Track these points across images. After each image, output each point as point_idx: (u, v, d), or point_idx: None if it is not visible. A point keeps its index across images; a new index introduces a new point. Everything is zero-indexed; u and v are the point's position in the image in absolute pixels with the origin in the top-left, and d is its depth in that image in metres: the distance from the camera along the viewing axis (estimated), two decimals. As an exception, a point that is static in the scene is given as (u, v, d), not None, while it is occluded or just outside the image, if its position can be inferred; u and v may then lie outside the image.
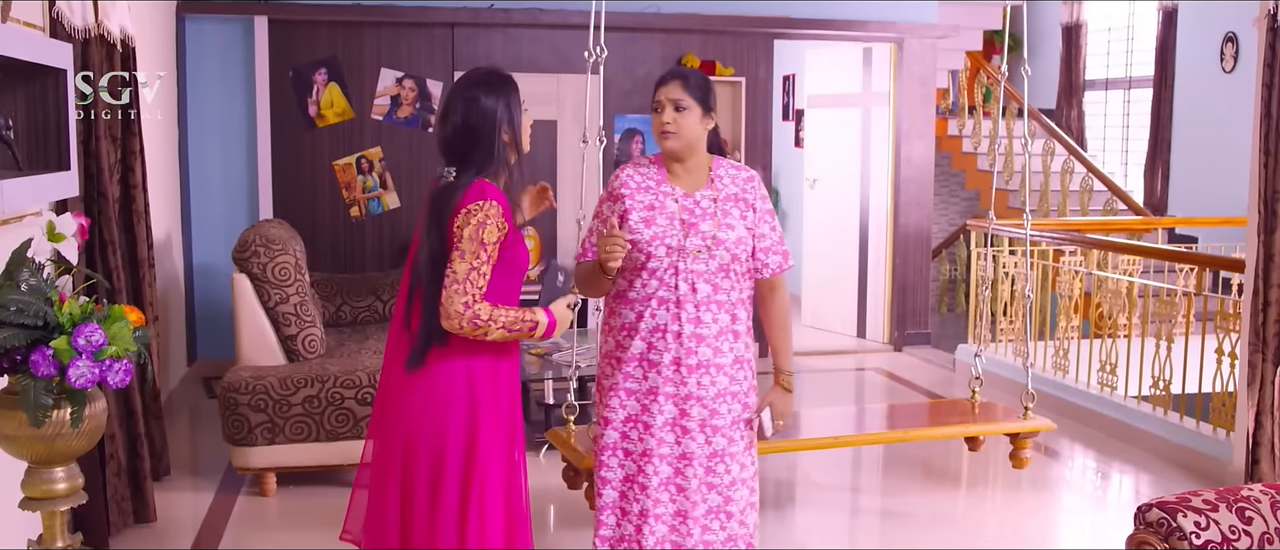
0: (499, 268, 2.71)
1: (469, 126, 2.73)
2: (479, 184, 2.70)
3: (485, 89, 2.76)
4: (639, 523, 2.99)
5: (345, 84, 6.93)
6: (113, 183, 4.46)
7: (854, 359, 7.87)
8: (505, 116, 2.75)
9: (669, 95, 2.96)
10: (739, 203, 3.03)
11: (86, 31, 3.94)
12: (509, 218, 2.72)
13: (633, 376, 3.00)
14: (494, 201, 2.67)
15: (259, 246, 4.80)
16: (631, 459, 3.01)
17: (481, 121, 2.73)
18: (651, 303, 2.96)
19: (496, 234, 2.66)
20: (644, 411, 2.99)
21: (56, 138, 3.50)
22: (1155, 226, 8.26)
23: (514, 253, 2.74)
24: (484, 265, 2.64)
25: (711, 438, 2.99)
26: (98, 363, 2.64)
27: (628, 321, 3.00)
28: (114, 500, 4.09)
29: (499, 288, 2.73)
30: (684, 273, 2.95)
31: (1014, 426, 4.57)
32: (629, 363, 2.99)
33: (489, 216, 2.65)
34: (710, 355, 2.98)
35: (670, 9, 7.36)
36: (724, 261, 2.97)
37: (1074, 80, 10.98)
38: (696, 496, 2.99)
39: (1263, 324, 4.58)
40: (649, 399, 2.98)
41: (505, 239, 2.70)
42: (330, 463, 4.70)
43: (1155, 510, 2.60)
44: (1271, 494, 2.67)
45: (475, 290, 2.64)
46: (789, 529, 4.64)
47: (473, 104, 2.74)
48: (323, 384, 4.60)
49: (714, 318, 2.98)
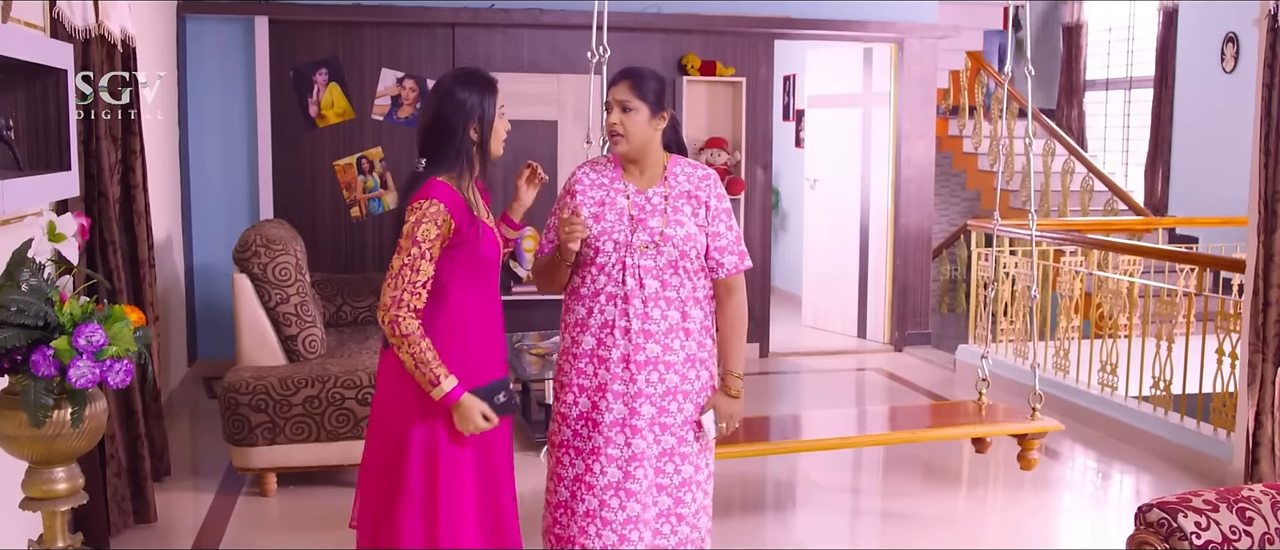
0: (462, 261, 2.77)
1: (438, 120, 2.80)
2: (430, 182, 2.76)
3: (460, 85, 2.82)
4: (583, 524, 2.94)
5: (346, 84, 6.93)
6: (113, 183, 4.46)
7: (854, 359, 7.87)
8: (475, 114, 2.79)
9: (616, 97, 2.96)
10: (691, 200, 3.01)
11: (87, 32, 3.94)
12: (461, 215, 2.75)
13: (584, 373, 2.99)
14: (435, 201, 2.72)
15: (260, 247, 4.80)
16: (582, 457, 2.98)
17: (450, 116, 2.79)
18: (600, 298, 2.96)
19: (436, 232, 2.71)
20: (593, 408, 2.97)
21: (57, 138, 3.50)
22: (1155, 226, 8.26)
23: (475, 247, 2.78)
24: (418, 262, 2.69)
25: (660, 436, 2.97)
26: (98, 363, 2.63)
27: (579, 317, 3.01)
28: (114, 500, 4.09)
29: (467, 279, 2.79)
30: (631, 268, 2.94)
31: (1022, 427, 4.57)
32: (581, 359, 2.99)
33: (426, 215, 2.70)
34: (659, 352, 2.95)
35: (671, 9, 7.36)
36: (672, 258, 2.96)
37: (1074, 80, 10.99)
38: (646, 498, 2.95)
39: (1263, 324, 4.58)
40: (598, 396, 2.96)
41: (461, 234, 2.75)
42: (331, 463, 4.70)
43: (1156, 510, 2.60)
44: (1272, 494, 2.67)
45: (406, 285, 2.69)
46: (789, 530, 4.64)
47: (444, 98, 2.80)
48: (323, 384, 4.60)
49: (663, 314, 2.96)
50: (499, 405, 2.83)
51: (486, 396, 2.81)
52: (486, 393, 2.81)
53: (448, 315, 2.79)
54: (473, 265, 2.80)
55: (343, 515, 4.50)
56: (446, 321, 2.79)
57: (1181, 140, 9.69)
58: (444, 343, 2.77)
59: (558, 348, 5.65)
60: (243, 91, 6.91)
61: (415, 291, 2.71)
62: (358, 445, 4.65)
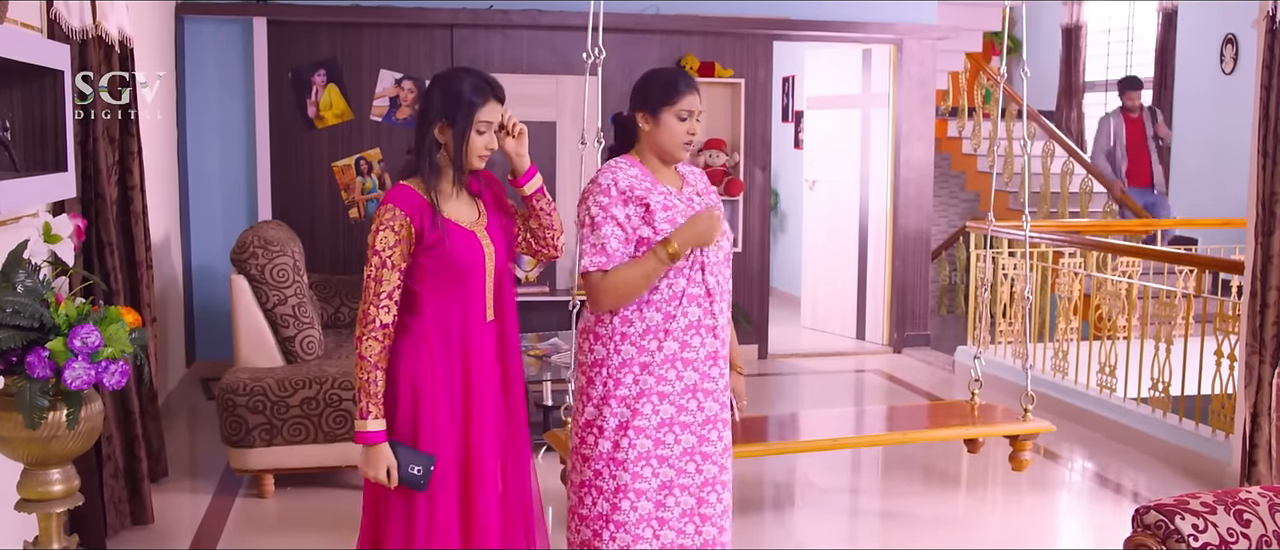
0: (431, 270, 2.72)
1: (418, 116, 2.80)
2: (395, 187, 2.75)
3: (439, 83, 2.77)
4: (680, 526, 2.98)
5: (344, 85, 6.93)
6: (111, 184, 4.46)
7: (853, 360, 7.86)
8: (441, 115, 2.73)
9: (694, 106, 2.99)
10: (711, 196, 3.13)
11: (84, 32, 3.94)
12: (421, 217, 2.71)
13: (666, 380, 2.94)
14: (391, 206, 2.70)
15: (257, 248, 4.80)
16: (667, 465, 2.95)
17: (424, 112, 2.76)
18: (683, 301, 2.94)
19: (394, 238, 2.67)
20: (680, 412, 2.96)
21: (53, 139, 3.50)
22: (1154, 228, 8.25)
23: (440, 250, 2.72)
24: (379, 271, 2.68)
25: (681, 435, 2.99)
26: (94, 364, 2.63)
27: (653, 324, 2.93)
28: (111, 502, 4.08)
29: (439, 291, 2.73)
30: (710, 267, 2.98)
31: (1013, 428, 4.56)
32: (661, 366, 2.93)
33: (382, 222, 2.69)
34: (721, 348, 3.05)
35: (669, 10, 7.35)
36: (728, 252, 3.07)
37: (1074, 82, 10.99)
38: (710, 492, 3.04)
39: (1260, 326, 4.57)
40: (685, 398, 2.95)
41: (424, 239, 2.70)
42: (328, 464, 4.69)
43: (1153, 512, 2.59)
44: (1270, 497, 2.67)
45: (371, 298, 2.68)
46: (789, 530, 4.64)
47: (424, 95, 2.79)
48: (320, 385, 4.60)
49: (726, 308, 3.05)
50: (407, 476, 2.70)
51: (404, 460, 2.69)
52: (407, 456, 2.70)
53: (419, 326, 2.73)
54: (442, 268, 2.73)
55: (340, 516, 4.52)
56: (415, 333, 2.74)
57: (1180, 141, 9.69)
58: (409, 354, 2.72)
59: (554, 349, 5.68)
60: (241, 92, 6.90)
61: (381, 304, 2.67)
62: (355, 447, 4.64)
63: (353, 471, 4.87)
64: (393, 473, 2.70)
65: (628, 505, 2.94)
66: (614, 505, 2.94)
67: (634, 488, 2.94)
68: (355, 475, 4.90)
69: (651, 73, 3.09)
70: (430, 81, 2.81)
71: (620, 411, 2.93)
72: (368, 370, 2.68)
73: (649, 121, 2.99)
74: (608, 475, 2.94)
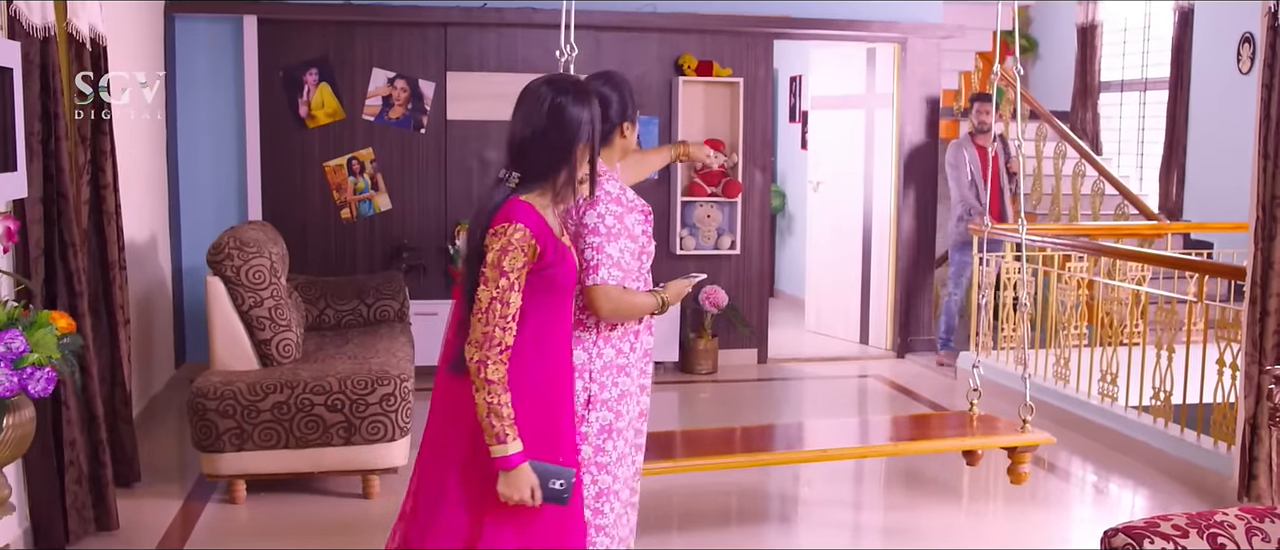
0: (538, 289, 2.61)
1: (542, 134, 2.61)
2: (511, 203, 2.59)
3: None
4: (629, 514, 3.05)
5: (336, 84, 6.85)
6: (83, 183, 4.39)
7: (856, 365, 7.72)
8: (586, 134, 2.64)
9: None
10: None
11: (46, 30, 3.86)
12: (545, 239, 2.60)
13: (645, 373, 3.03)
14: (520, 224, 2.55)
15: (233, 249, 4.72)
16: (629, 461, 3.01)
17: (563, 124, 2.61)
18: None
19: (523, 259, 2.55)
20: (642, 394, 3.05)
21: (3, 138, 3.42)
22: (1166, 232, 8.05)
23: (553, 273, 2.62)
24: (506, 294, 2.53)
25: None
26: (17, 371, 2.55)
27: (629, 326, 2.97)
28: (74, 507, 4.00)
29: (541, 308, 2.63)
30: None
31: (1011, 440, 4.42)
32: (643, 360, 3.01)
33: (511, 242, 2.54)
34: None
35: (667, 9, 7.24)
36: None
37: (1089, 82, 10.77)
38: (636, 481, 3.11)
39: (1260, 334, 4.40)
40: (643, 393, 3.06)
41: (543, 259, 2.59)
42: (301, 470, 4.60)
43: (1121, 535, 2.47)
44: (1248, 519, 2.53)
45: (497, 321, 2.52)
46: (793, 539, 4.55)
47: (555, 113, 2.61)
48: (292, 390, 4.51)
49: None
50: (550, 491, 2.62)
51: (544, 475, 2.61)
52: (546, 472, 2.61)
53: (523, 343, 2.61)
54: (551, 291, 2.65)
55: (311, 523, 4.44)
56: (524, 349, 2.62)
57: (1197, 143, 9.47)
58: (529, 370, 2.63)
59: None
60: (232, 92, 6.83)
61: (506, 327, 2.54)
62: (328, 452, 4.56)
63: (326, 478, 4.79)
64: (536, 492, 2.60)
65: (608, 508, 2.93)
66: (597, 510, 2.92)
67: (613, 490, 2.94)
68: (329, 482, 4.81)
69: (625, 80, 3.07)
70: (553, 104, 2.62)
71: (604, 415, 2.92)
72: (497, 394, 2.53)
73: (631, 130, 3.07)
74: (590, 481, 2.91)
